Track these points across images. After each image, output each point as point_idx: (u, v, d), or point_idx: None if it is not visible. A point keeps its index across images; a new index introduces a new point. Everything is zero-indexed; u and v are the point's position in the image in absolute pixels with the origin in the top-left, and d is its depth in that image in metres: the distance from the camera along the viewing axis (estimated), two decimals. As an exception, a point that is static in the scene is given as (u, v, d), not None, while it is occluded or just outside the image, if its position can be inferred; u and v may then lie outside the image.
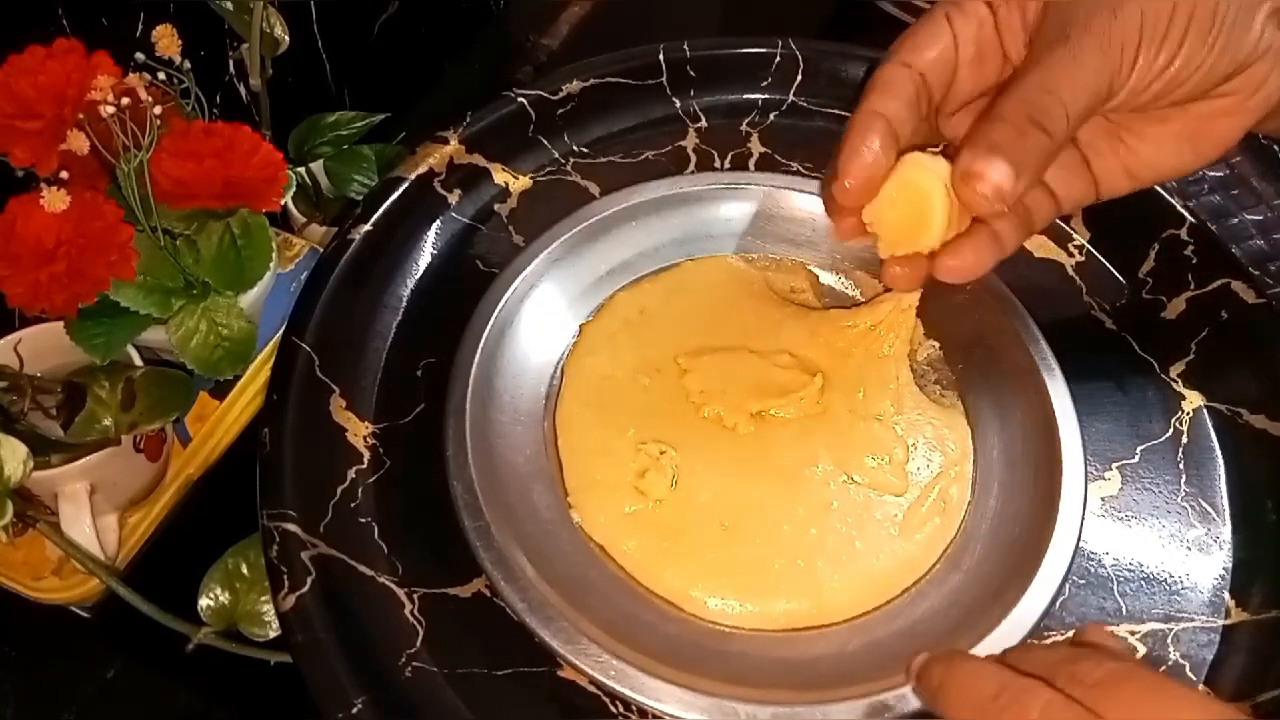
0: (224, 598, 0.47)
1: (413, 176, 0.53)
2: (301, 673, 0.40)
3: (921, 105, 0.37)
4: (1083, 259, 0.53)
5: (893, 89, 0.36)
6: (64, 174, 0.44)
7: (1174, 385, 0.50)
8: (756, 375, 0.48)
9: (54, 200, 0.43)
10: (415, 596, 0.42)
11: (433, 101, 0.73)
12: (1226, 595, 0.44)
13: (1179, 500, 0.46)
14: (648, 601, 0.43)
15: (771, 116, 0.58)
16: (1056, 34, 0.35)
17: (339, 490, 0.45)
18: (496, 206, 0.54)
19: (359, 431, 0.46)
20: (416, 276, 0.51)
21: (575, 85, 0.57)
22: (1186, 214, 0.53)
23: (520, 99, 0.56)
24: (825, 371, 0.49)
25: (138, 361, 0.48)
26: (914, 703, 0.39)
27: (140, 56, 0.46)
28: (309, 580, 0.41)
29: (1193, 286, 0.52)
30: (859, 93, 0.38)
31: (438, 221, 0.53)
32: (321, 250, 0.54)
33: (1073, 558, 0.42)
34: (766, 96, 0.58)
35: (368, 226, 0.51)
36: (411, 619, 0.42)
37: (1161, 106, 0.36)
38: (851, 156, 0.36)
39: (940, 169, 0.36)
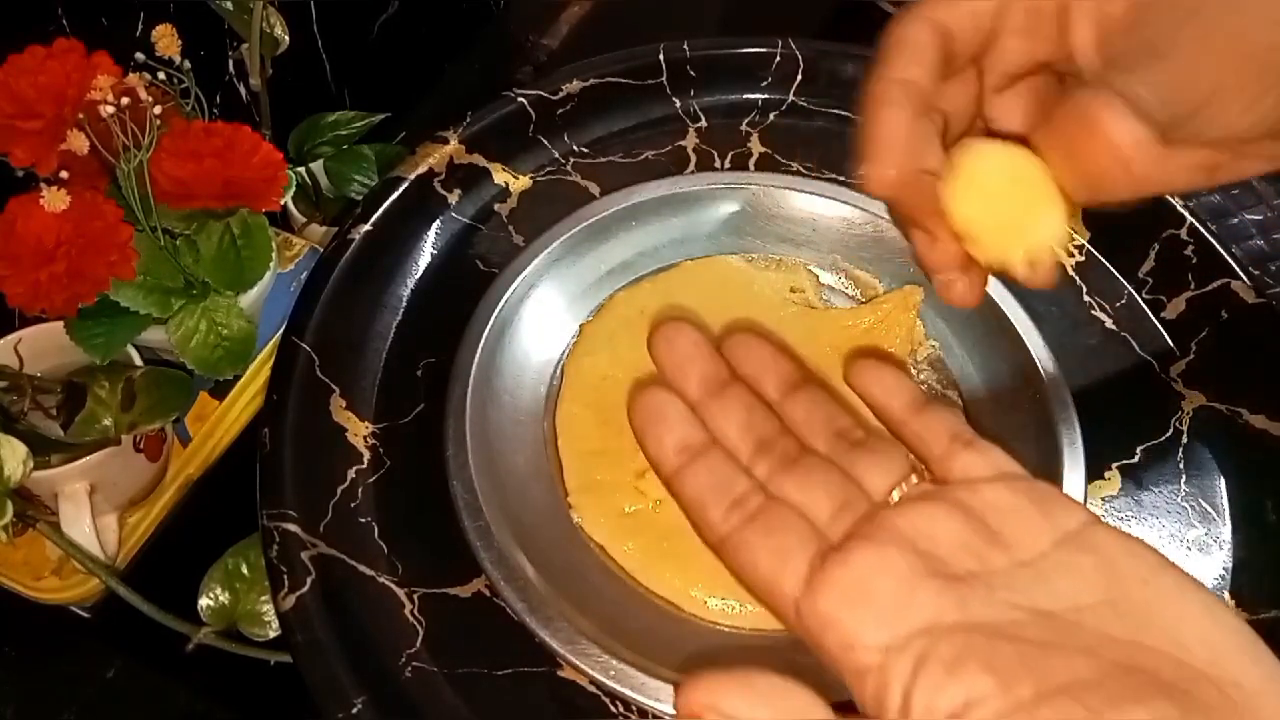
0: (224, 597, 0.47)
1: (413, 176, 0.53)
2: (301, 673, 0.40)
3: (950, 70, 0.30)
4: (1083, 259, 0.53)
5: (914, 51, 0.29)
6: (64, 174, 0.44)
7: (1174, 385, 0.50)
8: (756, 375, 0.48)
9: (54, 200, 0.43)
10: (415, 596, 0.42)
11: (433, 101, 0.73)
12: (1226, 595, 0.44)
13: (1179, 500, 0.46)
14: (648, 601, 0.43)
15: (771, 116, 0.58)
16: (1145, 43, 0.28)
17: (339, 490, 0.45)
18: (496, 206, 0.54)
19: (359, 431, 0.46)
20: (416, 276, 0.51)
21: (575, 85, 0.57)
22: (1186, 214, 0.53)
23: (520, 99, 0.56)
24: (825, 372, 0.49)
25: (138, 361, 0.48)
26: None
27: (140, 56, 0.46)
28: (309, 580, 0.41)
29: (1193, 286, 0.52)
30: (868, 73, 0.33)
31: (438, 221, 0.53)
32: (321, 250, 0.54)
33: (1073, 558, 0.42)
34: (766, 96, 0.58)
35: (368, 226, 0.51)
36: (411, 619, 0.42)
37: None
38: (879, 141, 0.29)
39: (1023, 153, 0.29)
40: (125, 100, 0.44)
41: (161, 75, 0.46)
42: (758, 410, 0.32)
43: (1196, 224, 0.53)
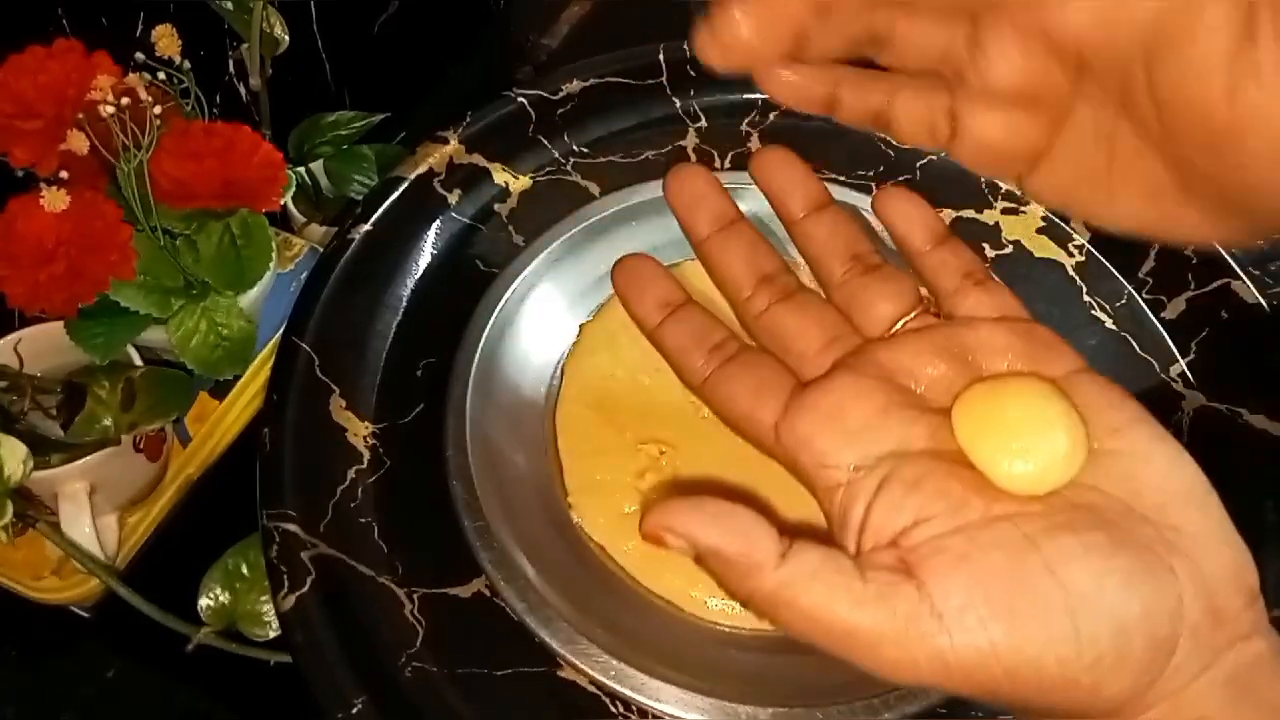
0: (224, 598, 0.47)
1: (412, 176, 0.53)
2: (301, 673, 0.40)
3: None
4: (1083, 259, 0.53)
5: None
6: (64, 174, 0.44)
7: (1174, 385, 0.50)
8: (756, 375, 0.48)
9: (54, 200, 0.43)
10: (415, 596, 0.42)
11: (433, 101, 0.73)
12: (1226, 595, 0.44)
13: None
14: (648, 601, 0.43)
15: (771, 116, 0.58)
16: None
17: (339, 490, 0.45)
18: (496, 206, 0.54)
19: (359, 431, 0.46)
20: (416, 276, 0.51)
21: (575, 85, 0.57)
22: (1186, 214, 0.53)
23: (520, 99, 0.56)
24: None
25: (138, 361, 0.48)
26: (913, 704, 0.39)
27: (140, 56, 0.46)
28: (309, 580, 0.41)
29: (1193, 286, 0.52)
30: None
31: (438, 221, 0.53)
32: (321, 250, 0.54)
33: (1073, 558, 0.42)
34: (766, 97, 0.58)
35: (368, 226, 0.51)
36: (411, 619, 0.42)
37: None
38: None
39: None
40: (125, 100, 0.44)
41: (161, 75, 0.46)
42: (762, 246, 0.34)
43: (1196, 224, 0.53)
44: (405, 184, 0.53)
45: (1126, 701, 0.23)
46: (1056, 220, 0.55)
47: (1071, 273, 0.53)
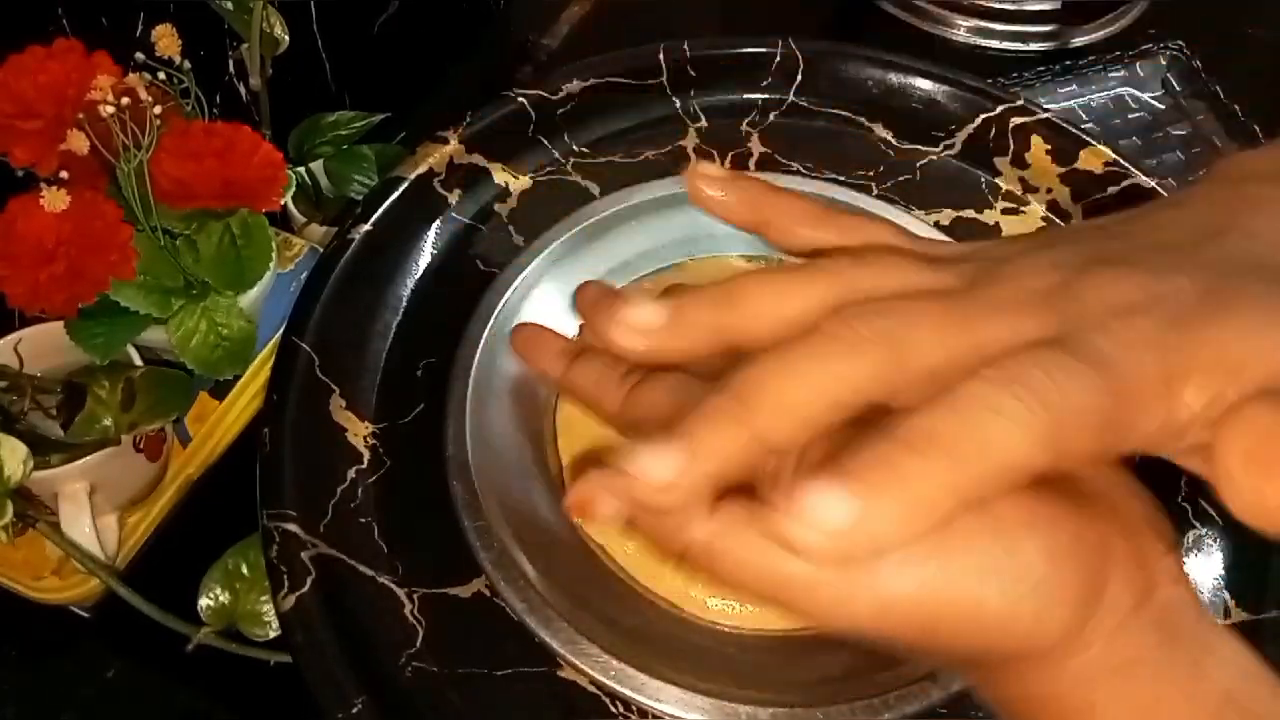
0: (224, 598, 0.47)
1: (412, 176, 0.53)
2: (301, 673, 0.40)
3: None
4: (1083, 259, 0.53)
5: None
6: (64, 174, 0.44)
7: (1174, 385, 0.49)
8: (756, 375, 0.48)
9: (54, 200, 0.43)
10: (415, 596, 0.42)
11: (433, 101, 0.73)
12: (1226, 595, 0.44)
13: (1178, 500, 0.46)
14: (648, 601, 0.43)
15: (771, 116, 0.58)
16: None
17: (339, 490, 0.45)
18: (496, 206, 0.54)
19: (359, 431, 0.46)
20: (416, 276, 0.51)
21: (575, 85, 0.57)
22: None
23: (520, 99, 0.56)
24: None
25: (138, 361, 0.48)
26: (913, 704, 0.39)
27: (140, 56, 0.46)
28: (309, 580, 0.41)
29: (1193, 286, 0.52)
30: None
31: (438, 221, 0.53)
32: (321, 250, 0.54)
33: (1073, 558, 0.42)
34: (766, 96, 0.58)
35: (368, 226, 0.51)
36: (411, 619, 0.42)
37: None
38: None
39: None
40: (125, 100, 0.44)
41: (161, 75, 0.46)
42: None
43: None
44: (405, 184, 0.53)
45: (1065, 637, 0.24)
46: (1057, 221, 0.55)
47: (1071, 273, 0.53)
